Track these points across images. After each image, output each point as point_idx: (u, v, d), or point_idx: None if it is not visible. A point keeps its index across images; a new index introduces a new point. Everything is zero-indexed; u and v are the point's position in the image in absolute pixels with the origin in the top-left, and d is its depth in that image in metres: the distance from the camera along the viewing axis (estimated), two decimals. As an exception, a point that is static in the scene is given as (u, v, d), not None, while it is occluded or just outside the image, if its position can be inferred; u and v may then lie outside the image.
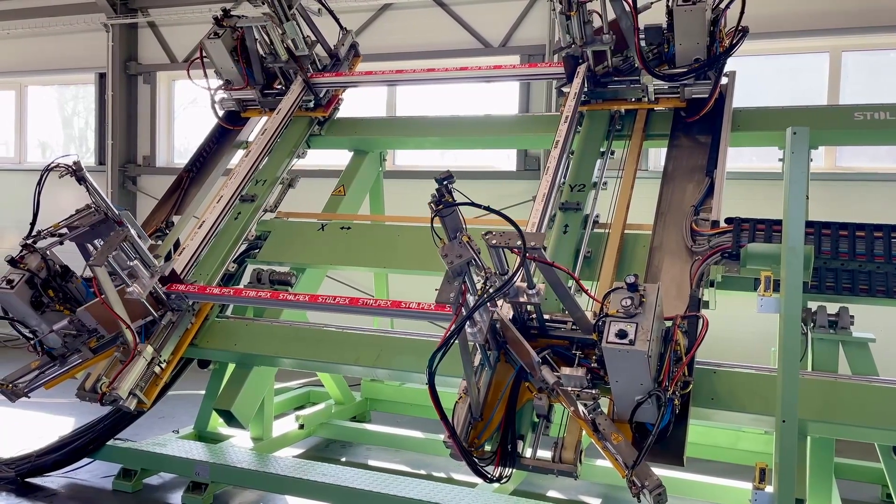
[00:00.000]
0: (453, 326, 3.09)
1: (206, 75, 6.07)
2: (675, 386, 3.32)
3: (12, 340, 10.08)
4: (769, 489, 3.18)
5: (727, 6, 4.74)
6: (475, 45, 9.09)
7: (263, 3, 5.84)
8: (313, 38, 6.17)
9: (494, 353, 3.62)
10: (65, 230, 4.25)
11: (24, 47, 11.59)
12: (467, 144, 6.24)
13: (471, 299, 3.22)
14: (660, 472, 3.27)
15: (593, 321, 3.59)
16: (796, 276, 2.96)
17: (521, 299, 3.51)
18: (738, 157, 7.52)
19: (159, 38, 10.86)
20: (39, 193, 4.38)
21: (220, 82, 6.20)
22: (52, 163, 4.25)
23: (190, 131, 11.17)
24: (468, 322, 3.22)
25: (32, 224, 4.40)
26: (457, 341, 3.15)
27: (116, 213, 4.30)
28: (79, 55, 11.19)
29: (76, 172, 4.23)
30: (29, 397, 4.66)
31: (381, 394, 6.80)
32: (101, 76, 11.09)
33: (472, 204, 3.09)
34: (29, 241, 4.65)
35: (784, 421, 2.94)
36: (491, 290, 3.19)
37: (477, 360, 3.63)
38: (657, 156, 8.07)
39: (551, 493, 5.18)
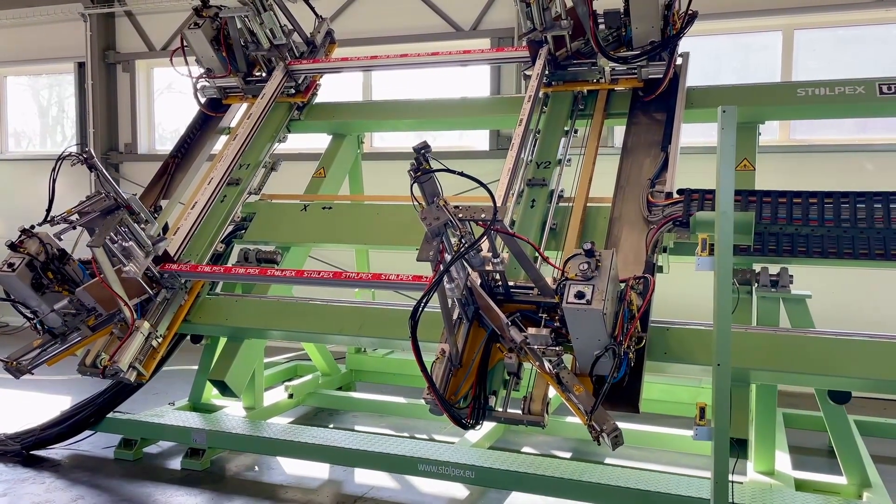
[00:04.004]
0: (434, 279, 3.42)
1: (187, 64, 6.32)
2: (630, 341, 3.68)
3: (2, 327, 10.33)
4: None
5: (680, -10, 5.07)
6: (447, 29, 9.34)
7: (241, -7, 6.08)
8: (290, 26, 6.43)
9: (472, 308, 3.95)
10: (76, 216, 4.52)
11: (2, 38, 11.67)
12: (441, 126, 6.51)
13: (448, 258, 3.53)
14: (626, 426, 3.61)
15: (554, 287, 3.95)
16: (727, 237, 3.32)
17: (487, 268, 3.84)
18: (692, 134, 7.85)
19: (137, 27, 11.01)
20: (54, 181, 4.64)
21: (201, 70, 6.45)
22: (65, 151, 4.53)
23: (165, 118, 11.35)
24: (446, 277, 3.54)
25: (48, 211, 4.67)
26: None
27: (125, 198, 4.58)
28: (57, 45, 11.31)
29: (87, 160, 4.51)
30: (32, 373, 4.95)
31: (366, 365, 7.14)
32: (80, 65, 11.23)
33: (448, 170, 3.36)
34: (28, 227, 4.95)
35: (719, 364, 3.33)
36: (466, 246, 3.51)
37: (455, 315, 3.95)
38: (618, 133, 8.39)
39: (526, 450, 5.56)
